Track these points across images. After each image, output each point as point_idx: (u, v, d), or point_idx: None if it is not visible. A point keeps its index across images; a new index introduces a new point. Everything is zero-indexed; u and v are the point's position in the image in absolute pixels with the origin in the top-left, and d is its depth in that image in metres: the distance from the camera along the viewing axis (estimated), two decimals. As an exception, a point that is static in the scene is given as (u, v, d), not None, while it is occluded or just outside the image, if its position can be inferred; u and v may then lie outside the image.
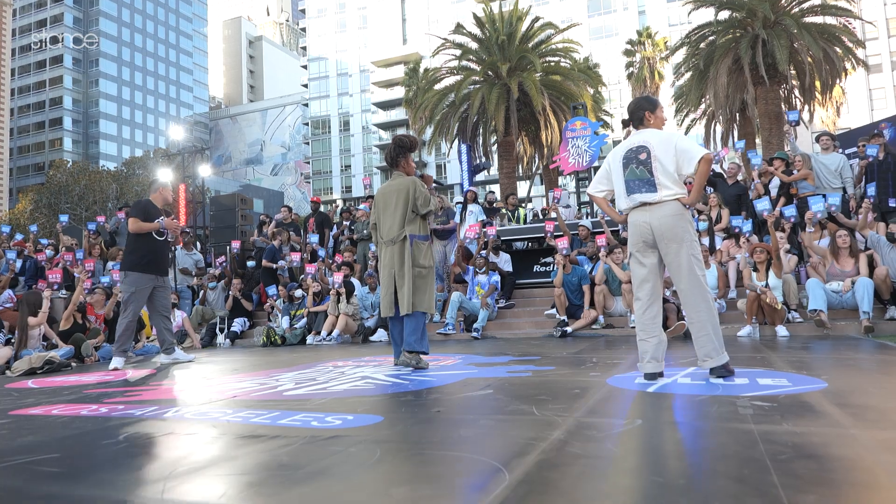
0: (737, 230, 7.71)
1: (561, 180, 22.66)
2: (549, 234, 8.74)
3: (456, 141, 21.30)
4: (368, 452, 2.00)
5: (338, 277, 8.50)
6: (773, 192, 8.53)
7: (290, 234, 10.72)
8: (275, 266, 9.85)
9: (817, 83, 17.45)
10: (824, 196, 7.38)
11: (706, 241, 8.06)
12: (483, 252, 8.66)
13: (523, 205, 11.63)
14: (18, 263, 9.92)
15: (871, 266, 6.58)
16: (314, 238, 10.02)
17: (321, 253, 9.96)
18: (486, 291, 8.19)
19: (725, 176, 9.06)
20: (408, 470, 1.84)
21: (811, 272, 7.38)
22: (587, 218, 10.38)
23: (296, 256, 9.75)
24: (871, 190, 7.51)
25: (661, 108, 3.54)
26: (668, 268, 3.41)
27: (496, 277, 8.45)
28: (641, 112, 3.50)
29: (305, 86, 67.47)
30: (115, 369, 5.53)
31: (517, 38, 20.57)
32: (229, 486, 1.73)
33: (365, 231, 9.91)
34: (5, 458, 2.15)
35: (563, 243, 7.90)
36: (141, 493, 1.66)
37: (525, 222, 10.70)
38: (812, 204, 7.20)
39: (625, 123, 3.59)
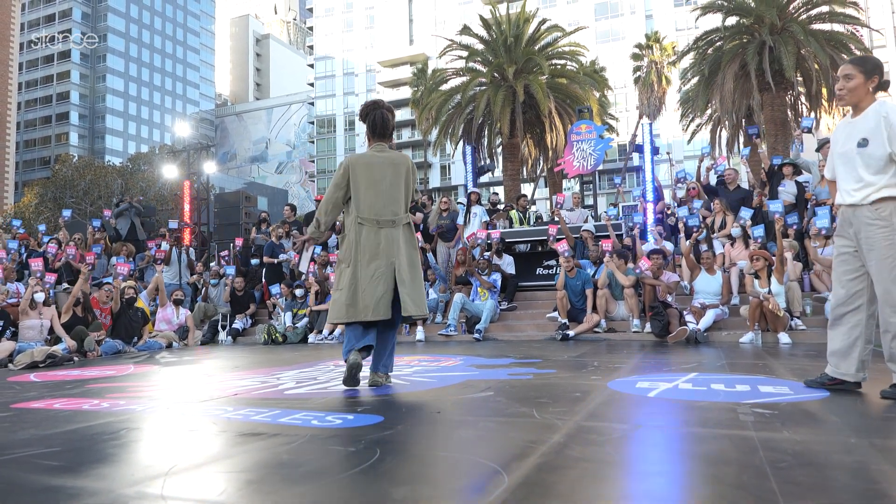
0: (742, 221, 7.78)
1: (565, 183, 22.60)
2: (551, 238, 8.74)
3: (461, 142, 21.30)
4: (368, 452, 2.00)
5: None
6: (786, 197, 8.42)
7: (292, 230, 10.73)
8: (275, 261, 9.87)
9: (824, 90, 17.41)
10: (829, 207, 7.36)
11: (704, 247, 8.05)
12: (486, 254, 8.66)
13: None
14: (24, 255, 9.94)
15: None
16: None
17: (318, 250, 9.86)
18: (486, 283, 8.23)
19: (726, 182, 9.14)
20: (407, 470, 1.84)
21: (814, 280, 7.38)
22: (590, 221, 10.35)
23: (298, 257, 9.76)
24: None
25: None
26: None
27: (496, 276, 8.47)
28: None
29: (311, 84, 67.52)
30: None
31: (524, 40, 20.56)
32: (229, 483, 1.73)
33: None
34: (7, 451, 2.16)
35: (562, 247, 7.90)
36: (141, 488, 1.67)
37: (529, 224, 10.69)
38: (818, 219, 7.17)
39: (885, 86, 3.06)
